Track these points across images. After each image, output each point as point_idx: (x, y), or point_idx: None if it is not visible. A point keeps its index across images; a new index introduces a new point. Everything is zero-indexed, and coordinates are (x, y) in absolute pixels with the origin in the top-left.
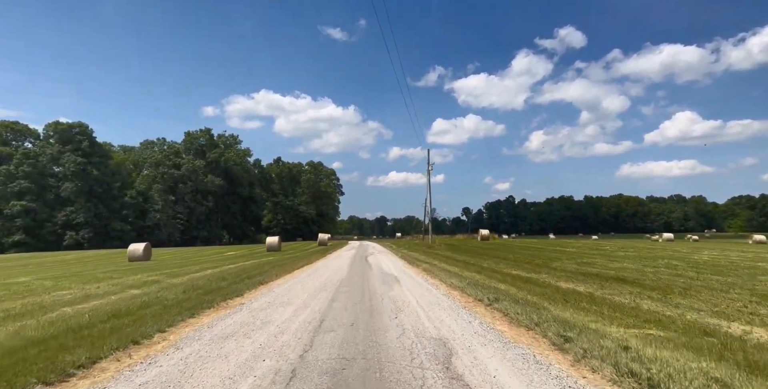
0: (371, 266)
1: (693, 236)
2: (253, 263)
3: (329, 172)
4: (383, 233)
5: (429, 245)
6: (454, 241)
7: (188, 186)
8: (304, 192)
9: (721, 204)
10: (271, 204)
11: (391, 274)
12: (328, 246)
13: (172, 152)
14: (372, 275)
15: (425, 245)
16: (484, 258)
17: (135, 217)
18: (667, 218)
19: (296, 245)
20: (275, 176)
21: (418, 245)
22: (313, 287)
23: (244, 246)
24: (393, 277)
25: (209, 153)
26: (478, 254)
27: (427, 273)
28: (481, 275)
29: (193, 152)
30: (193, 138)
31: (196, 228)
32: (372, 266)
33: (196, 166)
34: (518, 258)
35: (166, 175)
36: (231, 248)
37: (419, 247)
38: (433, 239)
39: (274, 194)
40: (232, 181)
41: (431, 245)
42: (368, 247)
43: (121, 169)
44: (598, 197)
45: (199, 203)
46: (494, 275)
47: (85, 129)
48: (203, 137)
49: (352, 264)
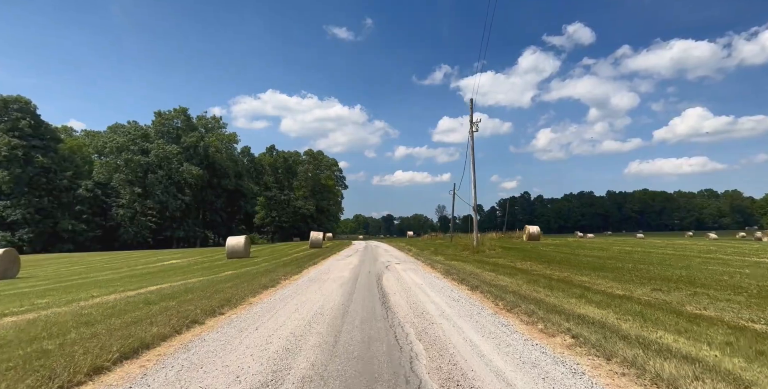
0: (401, 323)
1: (742, 233)
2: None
3: (330, 162)
4: (390, 232)
5: (474, 247)
6: (498, 242)
7: (159, 176)
8: (301, 185)
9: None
10: (264, 199)
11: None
12: (323, 249)
13: (138, 135)
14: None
15: (463, 247)
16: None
17: (92, 214)
18: (699, 214)
19: (281, 248)
20: (268, 166)
21: (450, 248)
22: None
23: (206, 250)
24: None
25: (185, 137)
26: (598, 268)
27: None
28: None
29: (166, 135)
30: (165, 119)
31: (171, 227)
32: (402, 322)
33: (168, 152)
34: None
35: (131, 162)
36: (178, 254)
37: (455, 250)
38: (481, 240)
39: (268, 188)
40: (215, 171)
41: (478, 247)
42: (378, 251)
43: (75, 156)
44: (621, 193)
45: (174, 197)
46: None
47: (26, 105)
48: (178, 117)
49: (346, 308)
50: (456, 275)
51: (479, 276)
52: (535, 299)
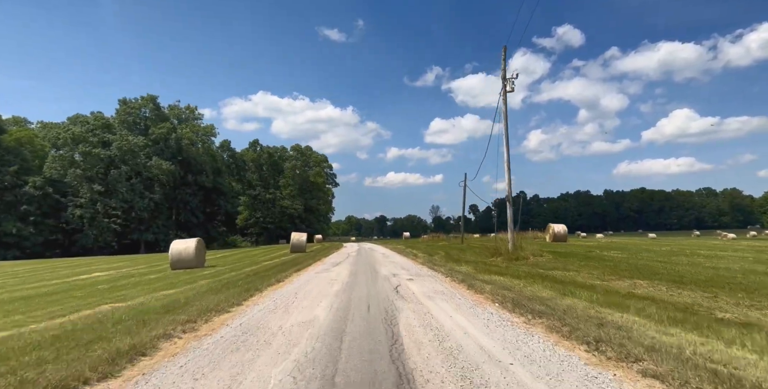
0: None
1: (753, 232)
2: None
3: (320, 158)
4: (383, 233)
5: (510, 252)
6: (533, 246)
7: (124, 172)
8: (288, 183)
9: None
10: (248, 198)
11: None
12: (306, 254)
13: (99, 126)
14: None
15: (490, 251)
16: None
17: (42, 215)
18: (698, 213)
19: (254, 254)
20: (251, 162)
21: (468, 252)
22: None
23: (162, 257)
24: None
25: (154, 128)
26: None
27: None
28: None
29: (132, 126)
30: (130, 108)
31: (138, 229)
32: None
33: (132, 144)
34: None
35: (90, 156)
36: (118, 264)
37: (478, 255)
38: (518, 241)
39: (251, 186)
40: (190, 166)
41: (516, 252)
42: (374, 256)
43: (22, 149)
44: (618, 192)
45: (141, 195)
46: None
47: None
48: (146, 106)
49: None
50: (556, 321)
51: (607, 322)
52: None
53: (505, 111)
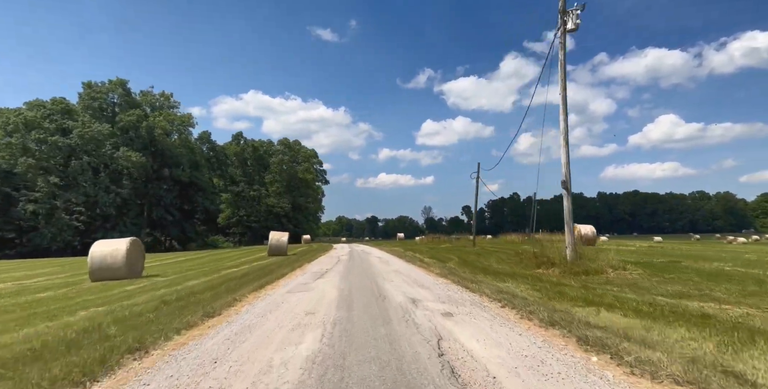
0: None
1: (755, 236)
2: None
3: (309, 153)
4: (374, 234)
5: (568, 263)
6: (588, 251)
7: (86, 162)
8: (275, 179)
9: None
10: (230, 195)
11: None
12: (286, 258)
13: (58, 111)
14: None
15: (533, 262)
16: None
17: None
18: (692, 216)
19: (224, 257)
20: (235, 157)
21: (492, 258)
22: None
23: (69, 261)
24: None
25: (123, 115)
26: None
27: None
28: None
29: (98, 112)
30: (96, 93)
31: (103, 227)
32: None
33: (96, 132)
34: None
35: (45, 144)
36: (26, 270)
37: (515, 265)
38: (579, 248)
39: (234, 182)
40: (164, 158)
41: (580, 263)
42: (371, 262)
43: None
44: (612, 194)
45: (106, 190)
46: None
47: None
48: (114, 91)
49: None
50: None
51: None
52: None
53: (563, 60)
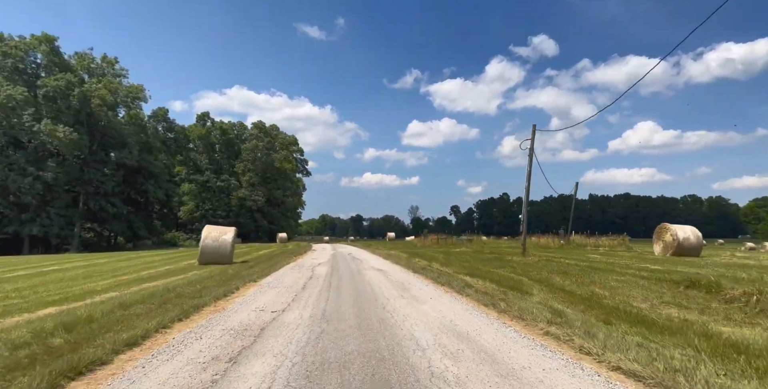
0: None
1: (750, 244)
2: None
3: (288, 140)
4: (359, 233)
5: None
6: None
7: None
8: (247, 168)
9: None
10: (195, 185)
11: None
12: (226, 267)
13: None
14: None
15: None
16: None
17: None
18: (684, 221)
19: (133, 263)
20: (199, 141)
21: (569, 280)
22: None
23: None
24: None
25: (48, 80)
26: None
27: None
28: None
29: (13, 73)
30: (10, 48)
31: (18, 220)
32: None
33: (6, 95)
34: None
35: None
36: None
37: (662, 295)
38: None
39: (198, 170)
40: (105, 137)
41: None
42: (366, 279)
43: None
44: (604, 197)
45: (22, 172)
46: None
47: None
48: (37, 48)
49: None
50: None
51: None
52: None
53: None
